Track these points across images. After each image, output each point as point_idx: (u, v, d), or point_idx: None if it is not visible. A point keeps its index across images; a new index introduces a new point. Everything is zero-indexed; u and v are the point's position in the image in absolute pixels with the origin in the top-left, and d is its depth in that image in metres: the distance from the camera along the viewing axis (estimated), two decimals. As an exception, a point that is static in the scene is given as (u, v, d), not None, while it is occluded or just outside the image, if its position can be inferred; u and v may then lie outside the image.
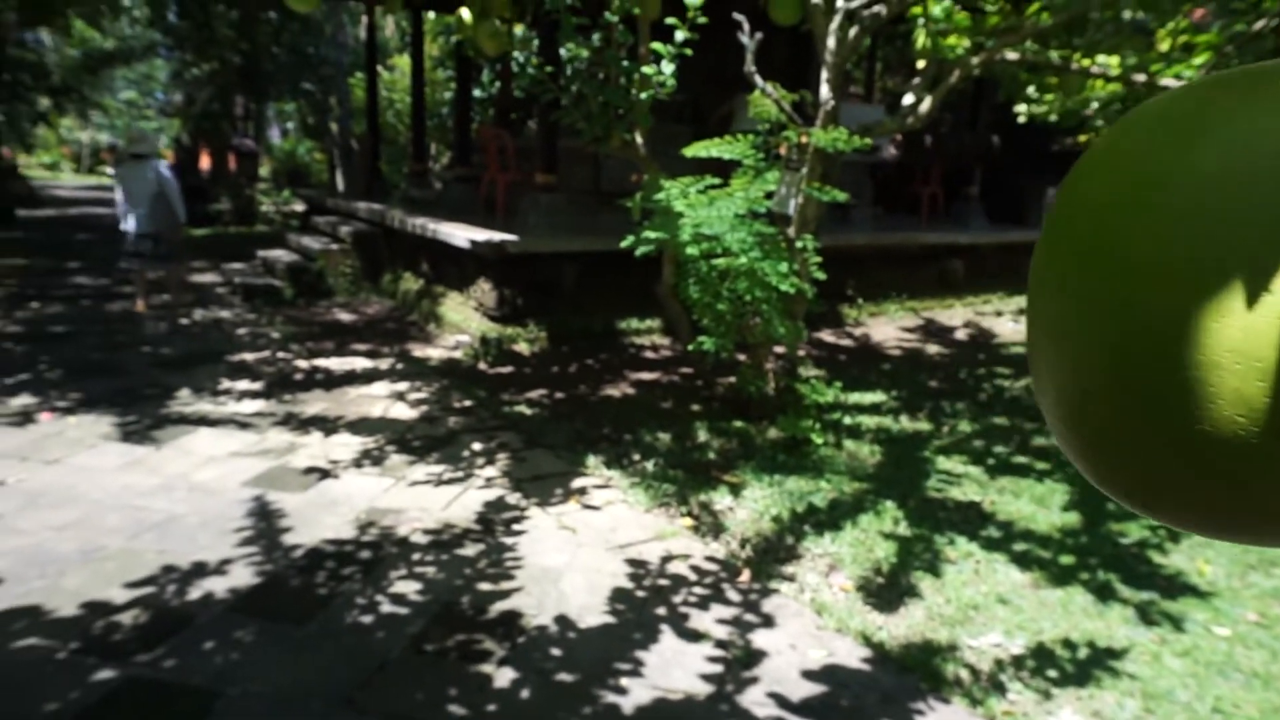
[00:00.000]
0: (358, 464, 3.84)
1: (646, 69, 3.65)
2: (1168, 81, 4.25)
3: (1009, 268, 9.58)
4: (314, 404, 4.74)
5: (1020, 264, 9.71)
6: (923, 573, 2.97)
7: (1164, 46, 4.66)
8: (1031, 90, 5.69)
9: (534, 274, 6.42)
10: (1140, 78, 4.30)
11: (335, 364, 5.68)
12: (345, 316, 7.43)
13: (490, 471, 3.82)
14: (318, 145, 21.05)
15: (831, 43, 3.43)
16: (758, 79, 3.24)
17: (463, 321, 6.54)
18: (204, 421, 4.36)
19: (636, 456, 4.01)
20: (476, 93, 18.05)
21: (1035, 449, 4.28)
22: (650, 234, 3.20)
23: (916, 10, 3.97)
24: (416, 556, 3.00)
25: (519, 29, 8.04)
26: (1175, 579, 2.96)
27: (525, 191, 7.62)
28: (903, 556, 3.08)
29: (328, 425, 4.37)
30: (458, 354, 6.06)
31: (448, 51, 18.57)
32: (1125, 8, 4.42)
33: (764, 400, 4.36)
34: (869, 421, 4.64)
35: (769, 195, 3.36)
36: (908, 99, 4.09)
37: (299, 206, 13.62)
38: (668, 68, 3.56)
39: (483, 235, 6.34)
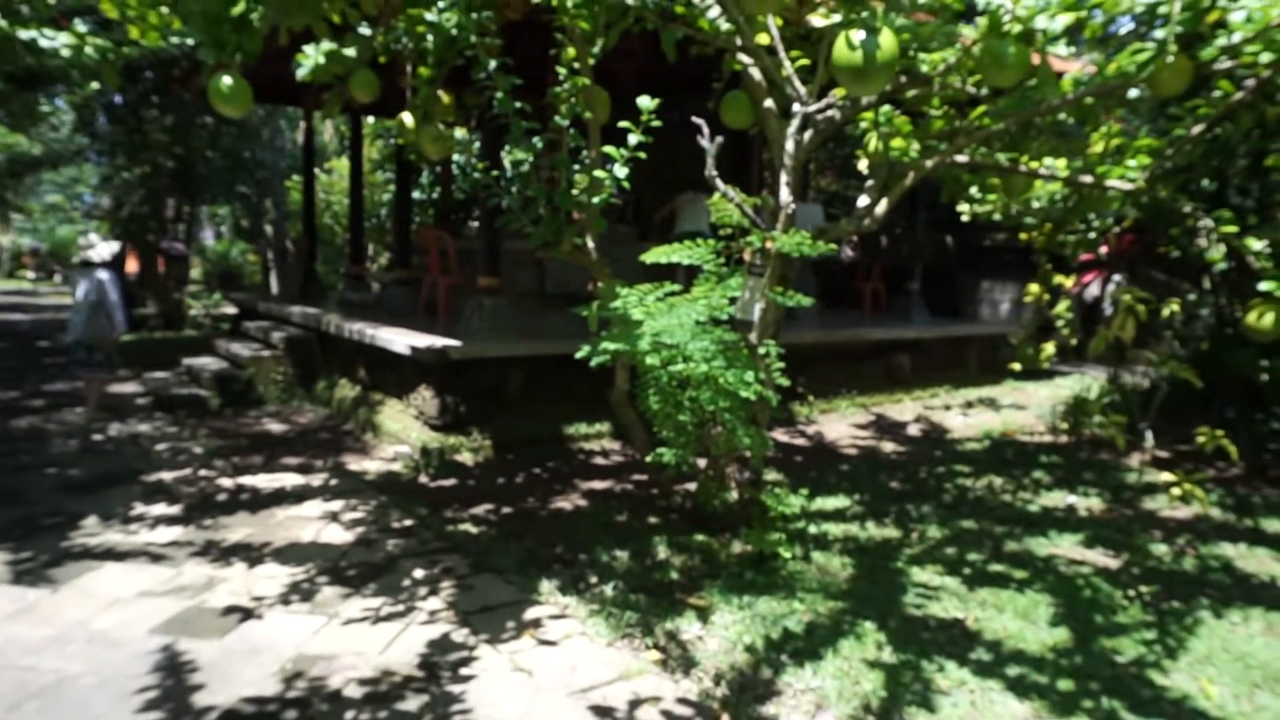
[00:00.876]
0: (285, 600, 3.45)
1: (599, 173, 3.53)
2: (1113, 182, 4.31)
3: (953, 361, 9.66)
4: (238, 529, 4.34)
5: (963, 357, 9.82)
6: (916, 708, 2.71)
7: (1098, 149, 4.77)
8: (974, 190, 5.78)
9: (478, 380, 6.16)
10: (1087, 178, 4.36)
11: (263, 481, 5.27)
12: (276, 427, 7.02)
13: (434, 603, 3.47)
14: (252, 247, 20.71)
15: (790, 146, 3.36)
16: (719, 182, 3.13)
17: (402, 431, 6.21)
18: (111, 555, 3.92)
19: (594, 579, 3.70)
20: (415, 194, 18.07)
21: (1010, 555, 4.11)
22: (609, 344, 3.01)
23: (867, 115, 3.97)
24: (350, 715, 2.63)
25: (461, 132, 8.00)
26: (1182, 703, 2.76)
27: (467, 295, 7.44)
28: (892, 689, 2.82)
29: (252, 554, 3.98)
30: (397, 466, 5.71)
31: (387, 154, 18.62)
32: (1063, 114, 4.51)
33: (727, 511, 4.12)
34: (835, 530, 4.42)
35: (732, 301, 3.21)
36: (862, 200, 4.05)
37: (230, 310, 13.18)
38: (621, 171, 3.44)
39: (424, 340, 6.09)
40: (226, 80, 2.82)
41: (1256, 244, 4.16)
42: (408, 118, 4.42)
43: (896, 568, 3.90)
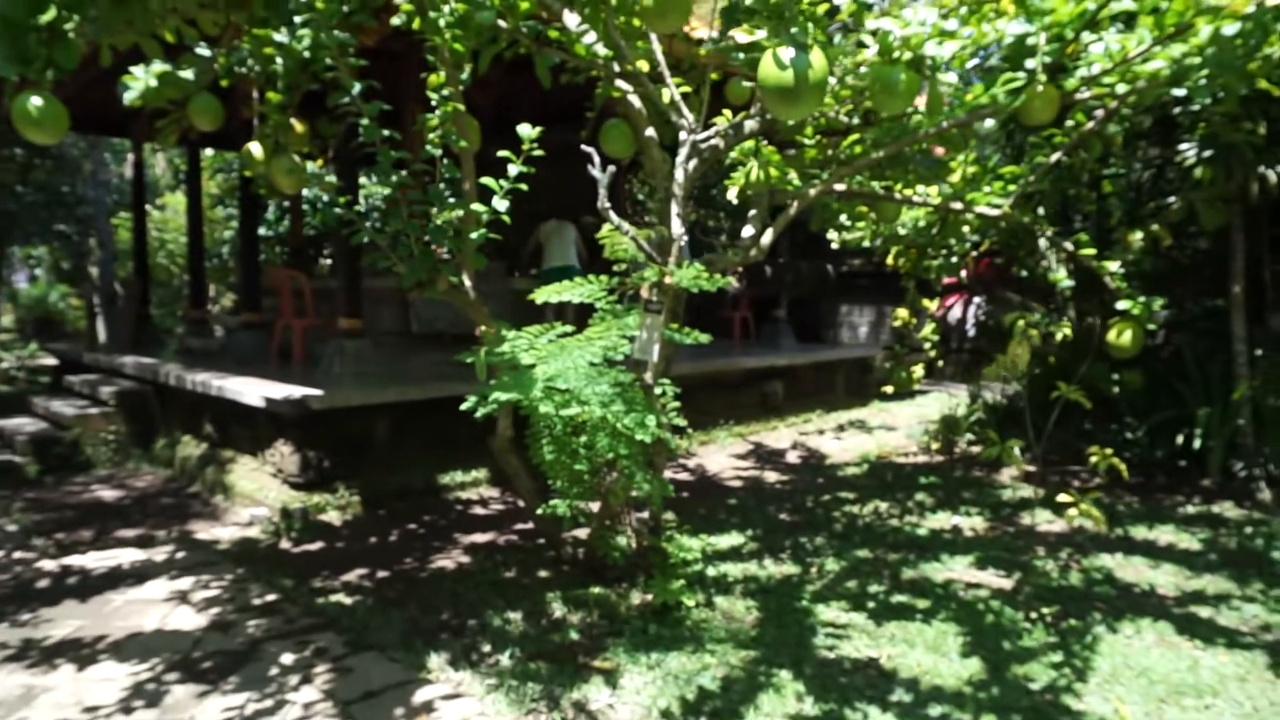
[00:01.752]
0: (126, 709, 2.95)
1: (476, 205, 3.27)
2: (981, 208, 4.44)
3: (823, 386, 9.86)
4: (64, 622, 3.74)
5: (832, 381, 10.03)
6: (846, 764, 2.56)
7: (955, 177, 4.92)
8: (844, 219, 5.87)
9: (341, 430, 5.70)
10: (957, 204, 4.46)
11: (95, 560, 4.62)
12: (109, 494, 6.26)
13: (308, 693, 3.06)
14: (74, 291, 18.91)
15: (679, 175, 3.22)
16: (612, 214, 2.95)
17: (258, 491, 5.64)
18: (-102, 668, 3.27)
19: (487, 648, 3.38)
20: (262, 231, 17.03)
21: (909, 583, 4.08)
22: (499, 394, 2.74)
23: (748, 144, 3.90)
24: None
25: (315, 164, 7.52)
26: (1101, 730, 2.74)
27: (326, 338, 6.93)
28: (819, 745, 2.67)
29: (83, 652, 3.42)
30: (254, 531, 5.16)
31: (228, 189, 17.50)
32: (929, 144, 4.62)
33: (624, 561, 3.90)
34: (734, 570, 4.28)
35: (629, 340, 3.02)
36: (747, 231, 3.97)
37: (49, 362, 11.87)
38: (501, 204, 3.20)
39: (280, 390, 5.57)
40: (36, 101, 2.40)
41: (1112, 265, 4.37)
42: (256, 148, 4.02)
43: (801, 607, 3.79)
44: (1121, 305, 4.24)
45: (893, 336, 12.93)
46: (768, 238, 3.85)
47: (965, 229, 5.56)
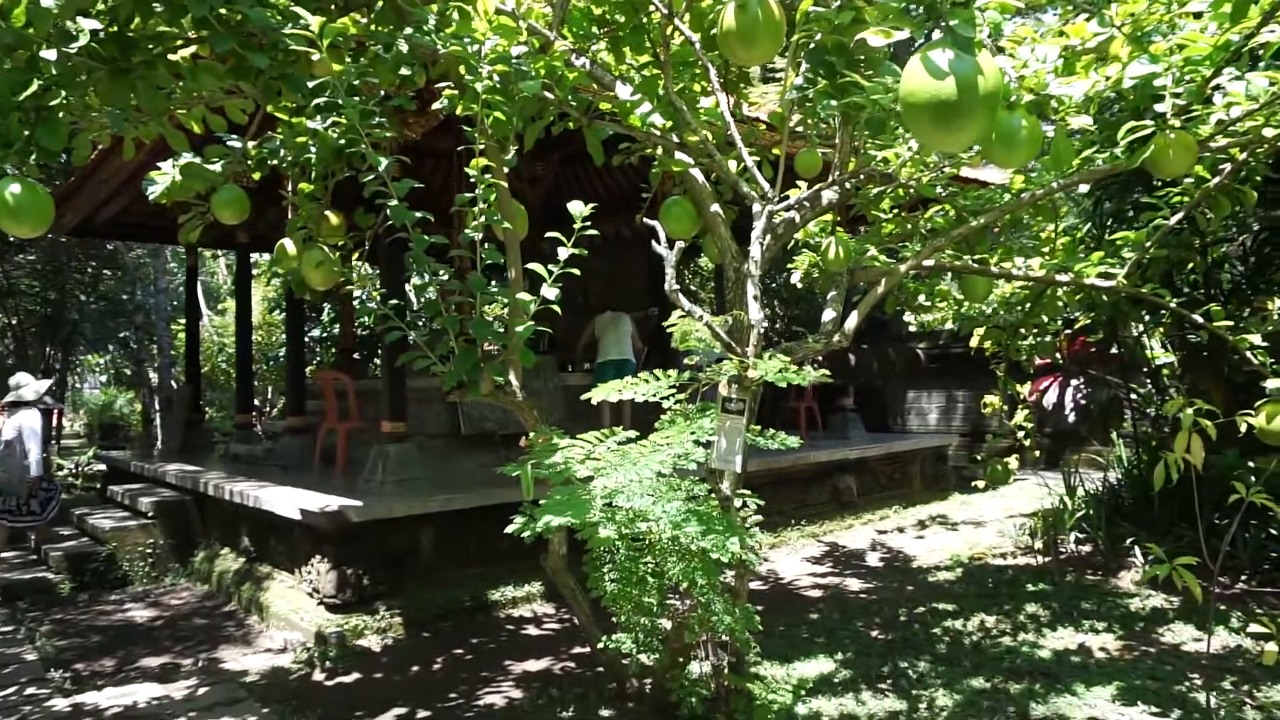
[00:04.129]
0: None
1: (523, 295, 2.87)
2: (1093, 280, 3.91)
3: (897, 479, 9.17)
4: (59, 782, 3.27)
5: (907, 473, 9.33)
6: None
7: (1061, 244, 4.42)
8: (922, 298, 5.37)
9: (383, 544, 5.24)
10: (1064, 277, 3.94)
11: (110, 698, 4.17)
12: (141, 614, 5.86)
13: None
14: (136, 396, 19.20)
15: (756, 251, 2.78)
16: (683, 299, 2.51)
17: (293, 612, 5.17)
18: None
19: (542, 820, 2.81)
20: (316, 333, 17.11)
21: (1042, 725, 3.40)
22: (551, 515, 2.26)
23: (826, 218, 3.47)
24: None
25: (356, 260, 7.32)
26: None
27: (370, 441, 6.56)
28: None
29: (71, 825, 2.93)
30: (286, 660, 4.68)
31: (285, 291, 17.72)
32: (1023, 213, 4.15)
33: (701, 706, 3.30)
34: (828, 708, 3.63)
35: (704, 444, 2.53)
36: (828, 314, 3.49)
37: (101, 468, 11.77)
38: (550, 292, 2.79)
39: (317, 501, 5.17)
40: (14, 190, 2.07)
41: (1254, 338, 3.77)
42: (288, 244, 3.71)
43: (918, 759, 3.14)
44: (1273, 385, 3.62)
45: (966, 423, 12.19)
46: (852, 322, 3.37)
47: (1060, 304, 5.00)
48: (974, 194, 4.13)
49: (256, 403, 18.52)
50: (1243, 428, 3.47)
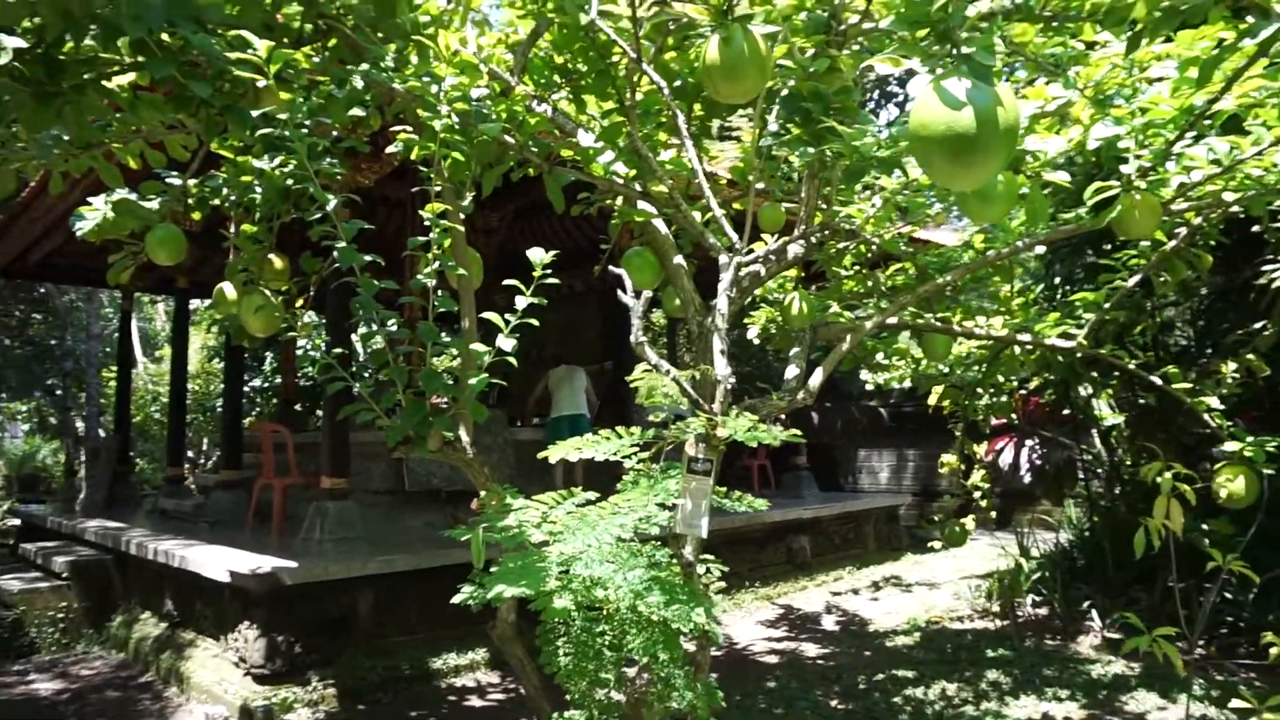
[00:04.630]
0: None
1: (477, 345, 2.70)
2: (1054, 340, 3.89)
3: (851, 539, 9.07)
4: None
5: (861, 533, 9.25)
6: None
7: (1017, 304, 4.43)
8: (880, 357, 5.34)
9: (318, 609, 4.93)
10: (1024, 336, 3.92)
11: (3, 783, 3.77)
12: (46, 686, 5.40)
13: None
14: (61, 446, 18.31)
15: (723, 304, 2.67)
16: (649, 351, 2.38)
17: (217, 684, 4.80)
18: None
19: None
20: (257, 382, 16.58)
21: (1015, 806, 3.24)
22: (503, 586, 2.07)
23: (791, 272, 3.39)
24: None
25: (300, 307, 7.08)
26: None
27: (310, 497, 6.25)
28: None
29: None
30: (205, 738, 4.32)
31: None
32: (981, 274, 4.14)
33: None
34: (792, 786, 3.44)
35: (668, 507, 2.37)
36: (791, 371, 3.39)
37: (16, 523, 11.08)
38: (507, 343, 2.63)
39: (248, 562, 4.85)
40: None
41: (1211, 400, 3.77)
42: (228, 287, 3.50)
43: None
44: (1230, 447, 3.60)
45: (916, 482, 12.22)
46: (817, 379, 3.27)
47: (1018, 364, 5.00)
48: (935, 251, 4.12)
49: (192, 454, 17.81)
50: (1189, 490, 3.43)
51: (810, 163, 3.02)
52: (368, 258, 2.55)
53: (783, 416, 3.52)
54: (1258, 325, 4.43)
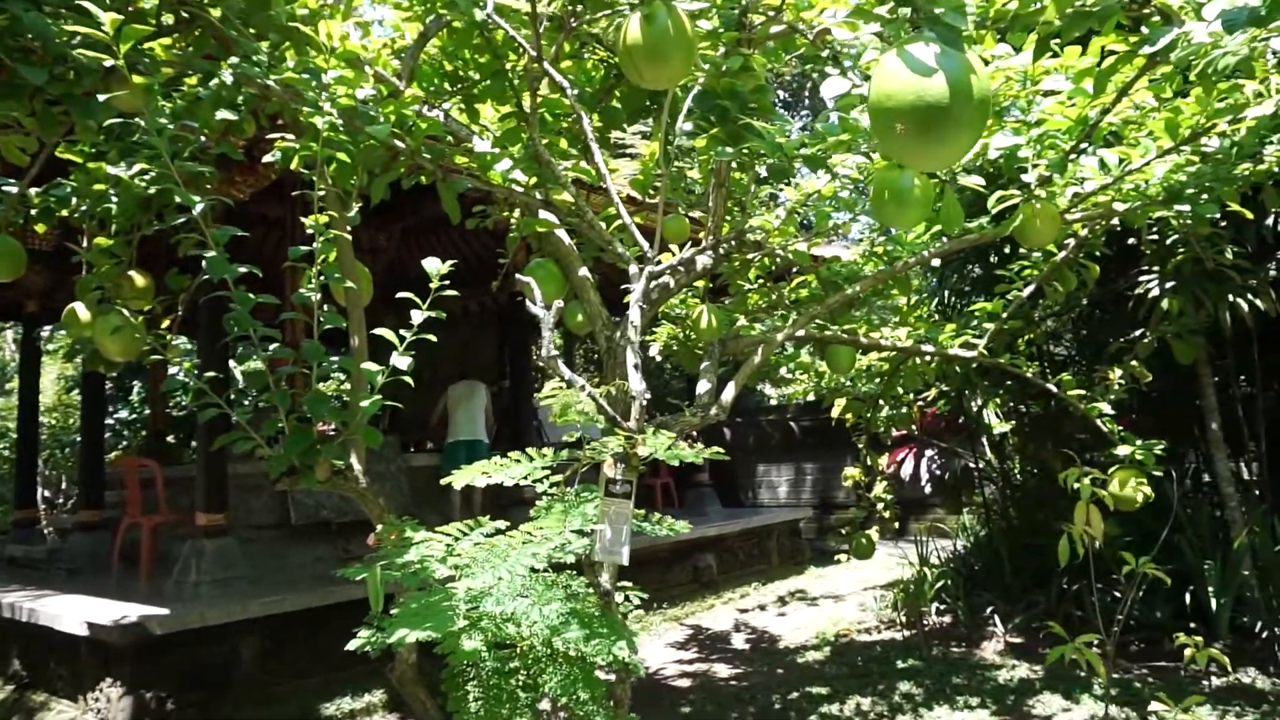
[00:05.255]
0: None
1: (368, 365, 2.48)
2: (957, 350, 3.94)
3: (755, 554, 9.06)
4: None
5: (765, 548, 9.26)
6: None
7: (914, 316, 4.49)
8: (784, 370, 5.34)
9: (194, 659, 4.50)
10: (928, 347, 3.95)
11: None
12: None
13: None
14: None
15: (636, 316, 2.53)
16: (563, 367, 2.20)
17: (74, 751, 4.31)
18: None
19: None
20: (124, 414, 15.46)
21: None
22: (405, 630, 1.85)
23: (699, 284, 3.30)
24: None
25: (165, 327, 6.60)
26: None
27: (184, 536, 5.76)
28: None
29: None
30: (60, 814, 3.84)
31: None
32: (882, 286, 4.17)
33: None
34: (713, 819, 3.30)
35: (584, 533, 2.20)
36: (703, 386, 3.28)
37: None
38: (402, 361, 2.42)
39: (110, 612, 4.39)
40: None
41: (1104, 407, 3.88)
42: (80, 308, 3.14)
43: None
44: (1123, 451, 3.71)
45: (814, 495, 12.39)
46: (730, 394, 3.17)
47: (919, 375, 5.07)
48: (838, 264, 4.11)
49: (49, 494, 16.40)
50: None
51: (717, 169, 2.95)
52: (242, 269, 2.29)
53: (694, 433, 3.40)
54: (1137, 333, 4.61)
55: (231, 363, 5.39)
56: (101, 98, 2.09)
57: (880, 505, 5.93)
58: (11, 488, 15.53)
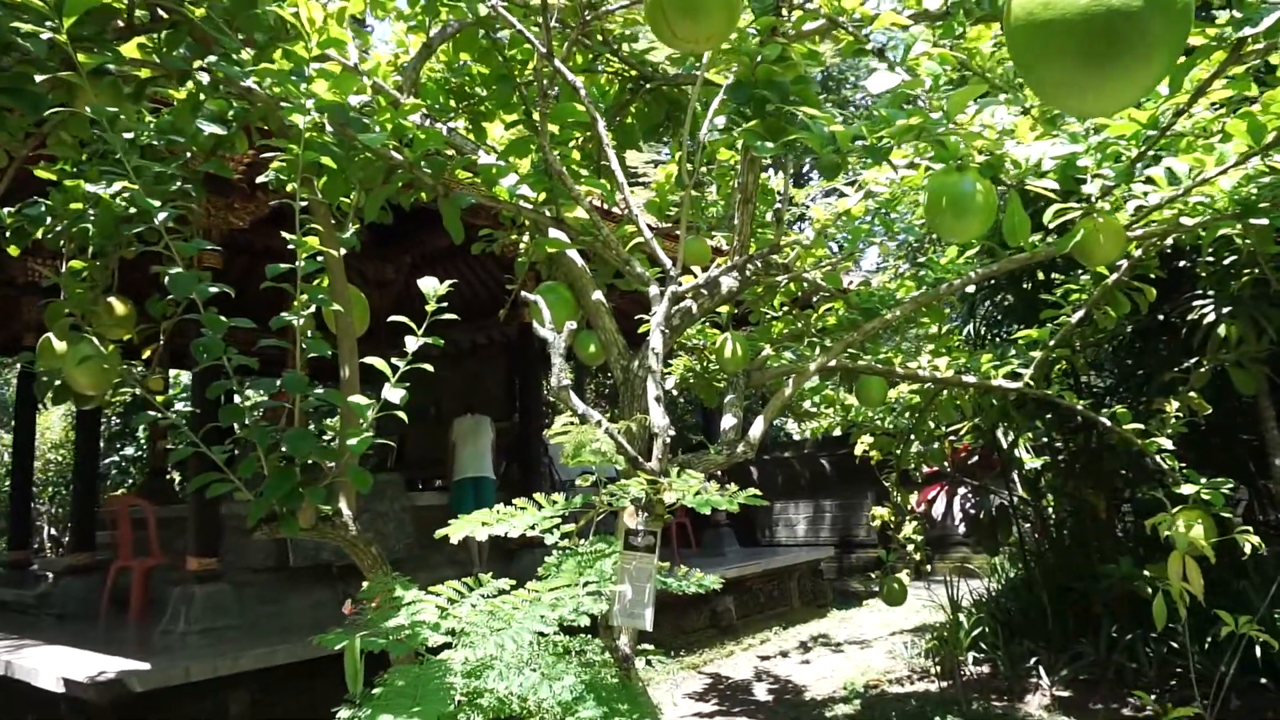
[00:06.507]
0: None
1: (357, 398, 2.20)
2: (1000, 381, 3.63)
3: (776, 597, 8.68)
4: None
5: (786, 590, 8.88)
6: None
7: (948, 345, 4.20)
8: (808, 405, 5.04)
9: (177, 718, 4.17)
10: (969, 378, 3.64)
11: None
12: None
13: None
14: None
15: (658, 342, 2.25)
16: (576, 400, 1.92)
17: (46, 818, 3.98)
18: None
19: None
20: (130, 451, 15.28)
21: None
22: (389, 716, 1.55)
23: (723, 311, 3.03)
24: None
25: (146, 356, 6.36)
26: None
27: (176, 580, 5.46)
28: None
29: None
30: None
31: (91, 407, 15.82)
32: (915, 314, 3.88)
33: None
34: None
35: (599, 594, 1.91)
36: (728, 421, 2.99)
37: None
38: (394, 394, 2.14)
39: (88, 667, 4.08)
40: None
41: (1164, 442, 3.56)
42: (54, 338, 2.89)
43: None
44: (1187, 490, 3.38)
45: (834, 533, 11.98)
46: (758, 430, 2.88)
47: (955, 408, 4.76)
48: (867, 291, 3.83)
49: (55, 533, 16.15)
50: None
51: (743, 184, 2.69)
52: (214, 288, 2.02)
53: (719, 473, 3.10)
54: (1190, 362, 4.30)
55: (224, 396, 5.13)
56: (39, 78, 1.83)
57: (910, 546, 5.58)
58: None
